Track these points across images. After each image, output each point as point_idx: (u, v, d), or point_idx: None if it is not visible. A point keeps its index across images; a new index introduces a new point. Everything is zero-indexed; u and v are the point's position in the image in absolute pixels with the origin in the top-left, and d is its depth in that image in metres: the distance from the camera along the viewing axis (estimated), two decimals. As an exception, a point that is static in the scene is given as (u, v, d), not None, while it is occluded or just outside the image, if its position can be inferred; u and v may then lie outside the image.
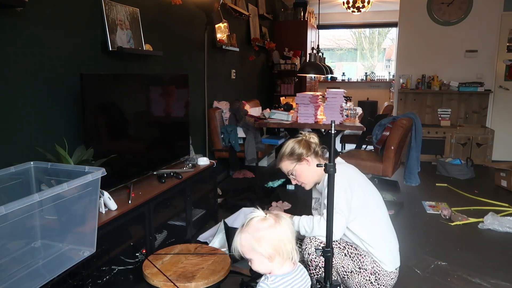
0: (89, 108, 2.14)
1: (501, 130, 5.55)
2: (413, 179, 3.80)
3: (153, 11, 3.19)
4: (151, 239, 2.34)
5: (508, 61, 5.54)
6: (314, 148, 2.01)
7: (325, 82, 9.08)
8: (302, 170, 2.00)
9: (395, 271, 1.95)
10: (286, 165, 2.02)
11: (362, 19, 8.61)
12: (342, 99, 3.87)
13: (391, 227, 2.01)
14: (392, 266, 1.93)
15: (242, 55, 5.32)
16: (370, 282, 1.90)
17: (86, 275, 1.72)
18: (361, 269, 1.90)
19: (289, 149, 2.00)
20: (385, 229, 1.97)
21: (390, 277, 1.92)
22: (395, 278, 1.96)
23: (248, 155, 4.14)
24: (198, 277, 1.83)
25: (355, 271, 1.91)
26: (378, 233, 1.93)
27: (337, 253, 1.91)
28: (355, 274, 1.91)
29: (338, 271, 1.93)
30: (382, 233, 1.95)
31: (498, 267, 2.58)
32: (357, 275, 1.90)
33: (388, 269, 1.91)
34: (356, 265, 1.90)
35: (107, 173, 1.73)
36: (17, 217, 1.42)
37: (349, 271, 1.91)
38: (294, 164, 2.00)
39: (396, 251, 1.99)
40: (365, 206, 1.91)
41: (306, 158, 1.98)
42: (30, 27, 2.06)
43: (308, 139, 2.02)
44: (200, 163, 3.07)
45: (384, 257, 1.91)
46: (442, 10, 5.64)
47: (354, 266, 1.91)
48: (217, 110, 4.31)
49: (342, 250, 1.91)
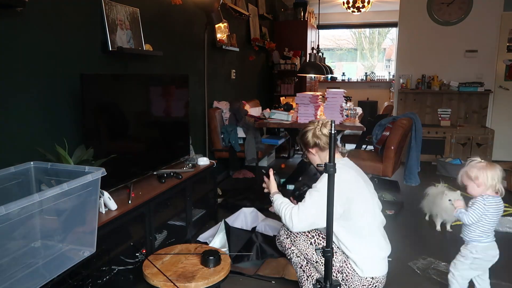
0: (89, 108, 2.14)
1: (501, 130, 5.55)
2: (413, 179, 3.80)
3: (153, 11, 3.19)
4: (151, 239, 2.34)
5: (508, 61, 5.54)
6: (318, 143, 2.06)
7: (325, 82, 9.08)
8: (309, 155, 2.15)
9: (371, 280, 1.91)
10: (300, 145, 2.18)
11: (362, 19, 8.61)
12: (342, 99, 3.86)
13: (379, 235, 1.99)
14: (367, 273, 1.91)
15: (242, 55, 5.32)
16: None
17: (86, 275, 1.72)
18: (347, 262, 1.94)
19: (303, 132, 2.12)
20: (369, 236, 1.96)
21: (361, 283, 1.91)
22: (369, 286, 1.92)
23: (248, 155, 4.14)
24: (198, 277, 1.83)
25: (320, 262, 1.97)
26: (358, 238, 1.93)
27: (303, 240, 2.03)
28: (320, 265, 1.98)
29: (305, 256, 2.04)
30: (364, 239, 1.94)
31: (498, 267, 2.57)
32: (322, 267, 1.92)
33: (361, 274, 1.91)
34: (320, 257, 1.96)
35: (107, 173, 1.73)
36: (17, 217, 1.42)
37: (314, 261, 2.01)
38: (316, 150, 2.10)
39: (379, 260, 1.96)
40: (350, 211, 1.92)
41: (310, 149, 2.11)
42: (30, 27, 2.06)
43: (316, 132, 2.07)
44: (200, 163, 3.08)
45: (360, 261, 1.91)
46: (442, 10, 5.64)
47: (318, 258, 1.98)
48: (217, 110, 4.31)
49: (310, 238, 2.03)
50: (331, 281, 1.57)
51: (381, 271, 1.95)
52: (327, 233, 1.56)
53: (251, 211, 3.00)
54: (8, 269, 1.49)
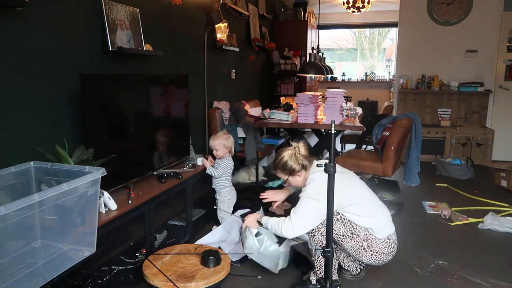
0: (89, 108, 2.14)
1: (501, 130, 5.55)
2: (413, 179, 3.80)
3: (153, 11, 3.19)
4: (151, 239, 2.34)
5: (508, 61, 5.54)
6: (303, 163, 2.26)
7: (325, 82, 9.08)
8: (294, 180, 2.32)
9: (387, 240, 2.18)
10: (280, 175, 2.34)
11: (362, 19, 8.62)
12: (342, 99, 3.86)
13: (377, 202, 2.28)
14: (383, 234, 2.17)
15: (242, 55, 5.32)
16: (363, 248, 2.16)
17: (86, 275, 1.72)
18: (353, 234, 2.16)
19: (282, 163, 2.27)
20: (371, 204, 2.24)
21: (382, 245, 2.17)
22: (388, 246, 2.19)
23: (248, 155, 4.14)
24: (198, 277, 1.83)
25: (347, 236, 2.17)
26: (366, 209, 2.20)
27: None
28: (348, 239, 2.17)
29: None
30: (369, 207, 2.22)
31: (498, 267, 2.58)
32: (350, 239, 2.17)
33: (379, 237, 2.16)
34: (348, 230, 2.16)
35: (107, 173, 1.73)
36: (17, 217, 1.42)
37: (341, 235, 2.18)
38: (287, 176, 2.31)
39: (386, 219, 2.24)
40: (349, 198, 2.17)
41: (297, 173, 2.27)
42: (30, 27, 2.06)
43: (297, 155, 2.25)
44: (200, 163, 3.07)
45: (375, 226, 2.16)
46: (442, 10, 5.64)
47: (346, 231, 2.17)
48: (217, 110, 4.31)
49: (335, 215, 2.17)
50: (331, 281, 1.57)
51: (391, 227, 2.23)
52: (327, 233, 1.56)
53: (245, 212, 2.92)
54: (8, 269, 1.49)
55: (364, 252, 2.17)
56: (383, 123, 3.75)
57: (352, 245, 2.18)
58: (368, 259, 2.19)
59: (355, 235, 2.16)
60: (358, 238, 2.15)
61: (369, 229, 2.16)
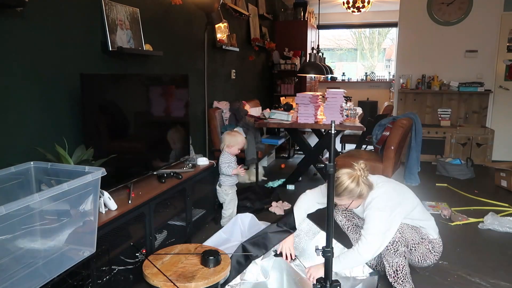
0: (89, 108, 2.14)
1: (501, 130, 5.55)
2: (413, 179, 3.80)
3: (153, 11, 3.19)
4: (151, 239, 2.34)
5: (508, 61, 5.54)
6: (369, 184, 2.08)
7: (325, 82, 9.08)
8: (357, 203, 2.13)
9: (440, 238, 2.30)
10: (343, 200, 2.09)
11: (362, 19, 8.61)
12: (342, 99, 3.87)
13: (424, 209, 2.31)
14: (435, 234, 2.27)
15: (242, 55, 5.32)
16: (429, 251, 2.24)
17: (86, 275, 1.72)
18: (423, 239, 2.23)
19: (350, 188, 2.03)
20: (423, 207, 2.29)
21: (438, 244, 2.28)
22: (441, 244, 2.30)
23: (248, 155, 4.14)
24: (198, 277, 1.83)
25: (420, 242, 2.22)
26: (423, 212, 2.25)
27: (406, 228, 2.18)
28: (420, 245, 2.22)
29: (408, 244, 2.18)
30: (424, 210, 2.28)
31: (498, 267, 2.58)
32: (421, 245, 2.22)
33: (435, 237, 2.26)
34: (419, 236, 2.22)
35: (107, 173, 1.73)
36: (17, 217, 1.42)
37: (416, 243, 2.20)
38: (351, 200, 2.08)
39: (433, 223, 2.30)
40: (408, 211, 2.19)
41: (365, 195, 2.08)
42: (30, 27, 2.06)
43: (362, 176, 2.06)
44: (200, 163, 3.07)
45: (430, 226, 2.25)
46: (442, 10, 5.64)
47: (419, 237, 2.22)
48: (217, 110, 4.31)
49: (408, 225, 2.20)
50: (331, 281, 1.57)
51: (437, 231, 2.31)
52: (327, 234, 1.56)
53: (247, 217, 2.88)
54: (8, 269, 1.49)
55: (430, 255, 2.24)
56: (383, 123, 3.75)
57: (422, 251, 2.22)
58: (431, 261, 2.26)
59: (424, 240, 2.23)
60: (425, 242, 2.23)
61: (429, 232, 2.25)
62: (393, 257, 2.13)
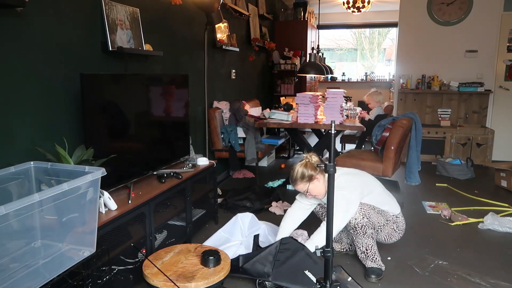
0: (89, 108, 2.14)
1: (501, 130, 5.55)
2: (413, 179, 3.80)
3: (153, 11, 3.19)
4: (151, 239, 2.34)
5: (508, 61, 5.54)
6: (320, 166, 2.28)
7: (325, 82, 9.08)
8: (315, 186, 2.39)
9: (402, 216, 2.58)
10: (300, 186, 2.40)
11: (362, 19, 8.61)
12: (342, 99, 3.87)
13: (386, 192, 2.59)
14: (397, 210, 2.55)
15: (242, 55, 5.32)
16: (393, 230, 2.53)
17: (86, 275, 1.72)
18: (388, 221, 2.50)
19: (300, 173, 2.37)
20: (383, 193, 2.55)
21: (402, 223, 2.56)
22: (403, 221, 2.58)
23: (248, 155, 4.15)
24: (198, 277, 1.83)
25: (385, 224, 2.49)
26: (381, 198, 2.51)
27: (372, 213, 2.42)
28: (386, 226, 2.50)
29: (374, 226, 2.45)
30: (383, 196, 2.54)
31: (498, 267, 2.58)
32: (387, 226, 2.50)
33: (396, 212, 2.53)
34: (384, 219, 2.49)
35: (107, 173, 1.73)
36: (17, 217, 1.42)
37: (382, 225, 2.48)
38: (307, 184, 2.38)
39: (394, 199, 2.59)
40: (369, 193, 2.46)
41: (316, 177, 2.37)
42: (30, 27, 2.06)
43: (311, 161, 2.39)
44: (200, 163, 3.07)
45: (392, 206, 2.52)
46: (442, 10, 5.64)
47: (384, 220, 2.48)
48: (217, 110, 4.31)
49: (373, 209, 2.43)
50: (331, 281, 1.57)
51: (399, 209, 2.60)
52: (327, 234, 1.56)
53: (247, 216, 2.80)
54: (8, 269, 1.49)
55: (394, 233, 2.54)
56: (383, 124, 3.75)
57: (388, 231, 2.51)
58: (396, 238, 2.56)
59: (389, 221, 2.50)
60: (390, 223, 2.50)
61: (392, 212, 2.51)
62: (362, 239, 2.39)
